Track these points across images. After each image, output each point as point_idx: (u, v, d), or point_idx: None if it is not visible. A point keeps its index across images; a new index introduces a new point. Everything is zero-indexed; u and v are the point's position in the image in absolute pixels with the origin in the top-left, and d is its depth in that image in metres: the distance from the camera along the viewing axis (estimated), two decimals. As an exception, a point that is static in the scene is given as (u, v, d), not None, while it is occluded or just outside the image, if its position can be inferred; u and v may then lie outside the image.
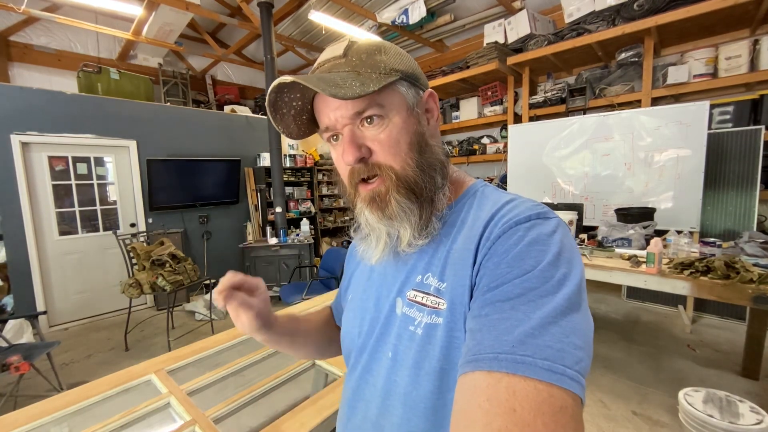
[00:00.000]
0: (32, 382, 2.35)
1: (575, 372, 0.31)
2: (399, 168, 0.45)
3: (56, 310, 3.46)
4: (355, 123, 0.45)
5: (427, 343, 0.43)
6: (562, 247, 0.37)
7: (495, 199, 0.45)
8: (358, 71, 0.43)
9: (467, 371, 0.34)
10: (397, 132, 0.45)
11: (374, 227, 0.47)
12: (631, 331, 2.84)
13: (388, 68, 0.44)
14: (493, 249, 0.39)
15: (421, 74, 0.49)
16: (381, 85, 0.42)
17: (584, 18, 3.36)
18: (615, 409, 1.93)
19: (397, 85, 0.45)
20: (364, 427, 0.49)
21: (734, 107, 2.84)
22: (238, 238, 4.69)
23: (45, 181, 3.39)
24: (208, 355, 1.10)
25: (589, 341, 0.34)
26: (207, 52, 5.18)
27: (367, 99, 0.43)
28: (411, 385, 0.44)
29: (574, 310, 0.34)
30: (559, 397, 0.30)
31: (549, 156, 3.50)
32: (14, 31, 3.95)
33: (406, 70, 0.46)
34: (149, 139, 3.97)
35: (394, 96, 0.45)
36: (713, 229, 2.88)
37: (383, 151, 0.45)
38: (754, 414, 1.45)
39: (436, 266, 0.45)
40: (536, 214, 0.40)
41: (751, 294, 1.52)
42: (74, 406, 0.85)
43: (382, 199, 0.45)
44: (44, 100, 3.33)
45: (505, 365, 0.31)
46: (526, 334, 0.32)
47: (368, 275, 0.57)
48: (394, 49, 0.47)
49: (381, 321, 0.50)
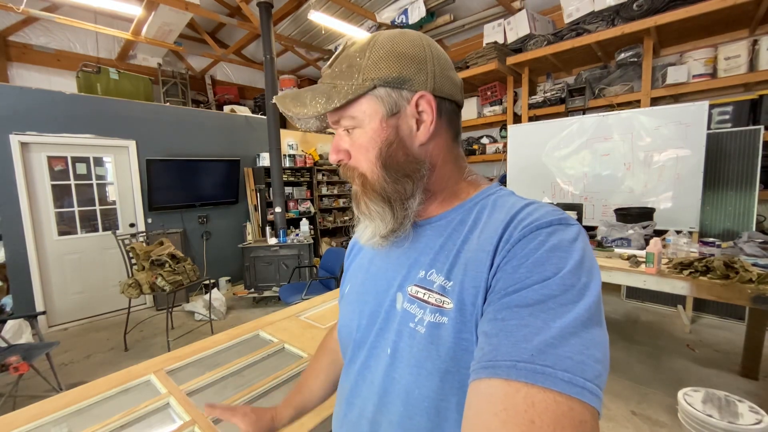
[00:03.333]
0: (31, 383, 2.35)
1: (595, 386, 0.30)
2: (369, 174, 0.48)
3: (55, 311, 3.46)
4: (339, 128, 0.49)
5: (431, 343, 0.42)
6: (584, 256, 0.36)
7: (513, 202, 0.44)
8: (335, 84, 0.46)
9: (482, 377, 0.33)
10: (367, 141, 0.47)
11: (358, 216, 0.52)
12: (630, 331, 2.84)
13: (362, 78, 0.45)
14: (512, 252, 0.38)
15: (413, 74, 0.45)
16: (345, 101, 0.44)
17: (583, 18, 3.36)
18: (614, 408, 1.93)
19: (371, 94, 0.45)
20: (360, 424, 0.49)
21: (733, 107, 2.85)
22: (238, 238, 4.69)
23: (44, 181, 3.39)
24: (208, 356, 1.10)
25: (608, 355, 0.33)
26: (206, 52, 5.18)
27: (337, 112, 0.47)
28: (413, 384, 0.43)
29: (595, 322, 0.33)
30: (579, 411, 0.29)
31: (548, 156, 3.50)
32: (13, 31, 3.94)
33: (386, 75, 0.44)
34: (149, 139, 3.96)
35: (367, 105, 0.46)
36: (712, 229, 2.89)
37: (355, 158, 0.49)
38: (754, 414, 1.45)
39: (442, 263, 0.44)
40: (558, 220, 0.39)
41: (750, 294, 1.52)
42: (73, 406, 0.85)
43: (357, 200, 0.50)
44: (43, 100, 3.32)
45: (524, 374, 0.31)
46: (546, 343, 0.31)
47: (367, 267, 0.56)
48: (386, 48, 0.45)
49: (381, 316, 0.49)
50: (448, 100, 0.48)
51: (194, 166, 4.19)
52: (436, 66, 0.46)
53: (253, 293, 3.96)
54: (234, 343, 1.18)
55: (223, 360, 1.07)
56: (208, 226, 4.49)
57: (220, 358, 1.10)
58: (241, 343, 1.20)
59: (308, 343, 1.14)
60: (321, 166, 5.60)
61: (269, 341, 1.19)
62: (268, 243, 3.94)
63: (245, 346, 1.18)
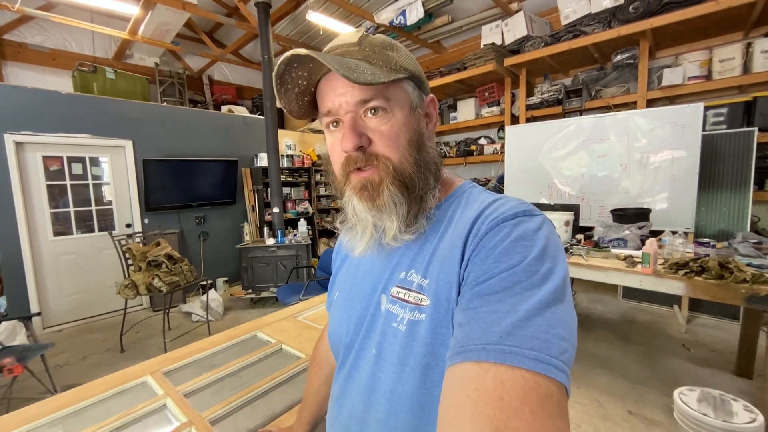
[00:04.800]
0: (26, 385, 2.33)
1: (560, 362, 0.32)
2: (396, 161, 0.45)
3: (50, 312, 3.43)
4: (358, 111, 0.45)
5: (411, 340, 0.43)
6: (547, 243, 0.38)
7: (482, 199, 0.46)
8: (370, 61, 0.45)
9: (456, 362, 0.35)
10: (398, 127, 0.45)
11: (361, 217, 0.47)
12: (626, 331, 2.86)
13: (398, 65, 0.46)
14: (481, 245, 0.40)
15: (425, 80, 0.51)
16: (391, 78, 0.43)
17: (580, 20, 3.38)
18: (611, 408, 1.94)
19: (405, 83, 0.47)
20: (350, 424, 0.50)
21: (728, 109, 2.87)
22: (236, 238, 4.67)
23: (39, 181, 3.36)
24: (205, 357, 1.10)
25: (573, 333, 0.35)
26: (204, 52, 5.16)
27: (375, 89, 0.43)
28: (396, 382, 0.44)
29: (558, 302, 0.35)
30: (545, 386, 0.31)
31: (546, 157, 3.52)
32: (8, 30, 3.91)
33: (414, 71, 0.48)
34: (145, 139, 3.94)
35: (401, 92, 0.46)
36: (707, 229, 2.91)
37: (383, 143, 0.45)
38: (748, 412, 1.46)
39: (420, 263, 0.46)
40: (522, 212, 0.41)
41: (744, 294, 1.54)
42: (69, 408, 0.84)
43: (375, 188, 0.45)
44: (39, 99, 3.30)
45: (492, 355, 0.32)
46: (513, 325, 0.33)
47: (354, 273, 0.57)
48: (405, 50, 0.49)
49: (367, 319, 0.50)
50: None
51: (191, 166, 4.17)
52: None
53: (251, 294, 3.95)
54: (231, 344, 1.18)
55: (221, 361, 1.06)
56: (205, 227, 4.47)
57: (218, 359, 1.09)
58: (238, 344, 1.19)
59: (306, 344, 1.14)
60: (319, 166, 5.58)
61: (267, 342, 1.19)
62: (265, 243, 3.93)
63: (243, 347, 1.18)
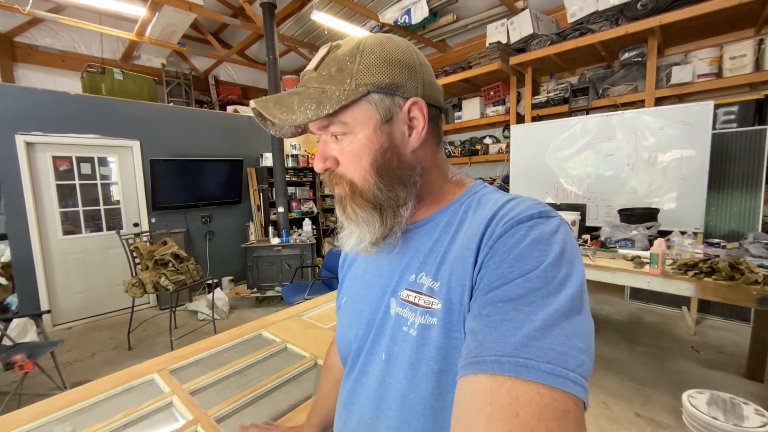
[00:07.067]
0: (36, 381, 2.37)
1: (578, 375, 0.31)
2: (358, 182, 0.47)
3: (60, 310, 3.48)
4: (326, 134, 0.47)
5: (422, 344, 0.42)
6: (564, 247, 0.37)
7: (496, 199, 0.44)
8: (324, 88, 0.44)
9: (468, 373, 0.33)
10: (359, 148, 0.45)
11: (342, 222, 0.50)
12: (634, 333, 2.83)
13: (355, 83, 0.43)
14: (495, 248, 0.38)
15: (410, 78, 0.45)
16: (338, 107, 0.42)
17: (587, 18, 3.34)
18: (618, 410, 1.92)
19: (364, 100, 0.44)
20: (359, 431, 0.49)
21: (739, 107, 2.82)
22: (241, 238, 4.70)
23: (49, 181, 3.42)
24: (211, 355, 1.10)
25: (591, 343, 0.33)
26: (210, 53, 5.20)
27: (327, 118, 0.44)
28: (408, 387, 0.43)
29: (576, 311, 0.33)
30: (562, 402, 0.30)
31: (552, 156, 3.49)
32: (19, 32, 3.98)
33: (380, 81, 0.43)
34: (152, 139, 3.98)
35: (360, 112, 0.44)
36: (717, 230, 2.86)
37: (344, 165, 0.47)
38: (759, 416, 1.43)
39: (431, 265, 0.45)
40: (538, 213, 0.39)
41: (755, 295, 1.51)
42: (77, 404, 0.85)
43: (343, 204, 0.48)
44: (48, 100, 3.35)
45: (507, 368, 0.31)
46: (529, 336, 0.32)
47: (362, 276, 0.56)
48: (376, 53, 0.44)
49: (376, 323, 0.49)
50: (435, 106, 0.49)
51: (197, 166, 4.21)
52: (423, 72, 0.47)
53: (256, 293, 3.97)
54: (237, 343, 1.18)
55: (226, 359, 1.07)
56: (211, 226, 4.51)
57: (223, 357, 1.10)
58: (243, 342, 1.20)
59: (310, 344, 1.14)
60: (323, 166, 5.60)
61: (272, 341, 1.19)
62: (270, 243, 3.95)
63: (248, 345, 1.18)
